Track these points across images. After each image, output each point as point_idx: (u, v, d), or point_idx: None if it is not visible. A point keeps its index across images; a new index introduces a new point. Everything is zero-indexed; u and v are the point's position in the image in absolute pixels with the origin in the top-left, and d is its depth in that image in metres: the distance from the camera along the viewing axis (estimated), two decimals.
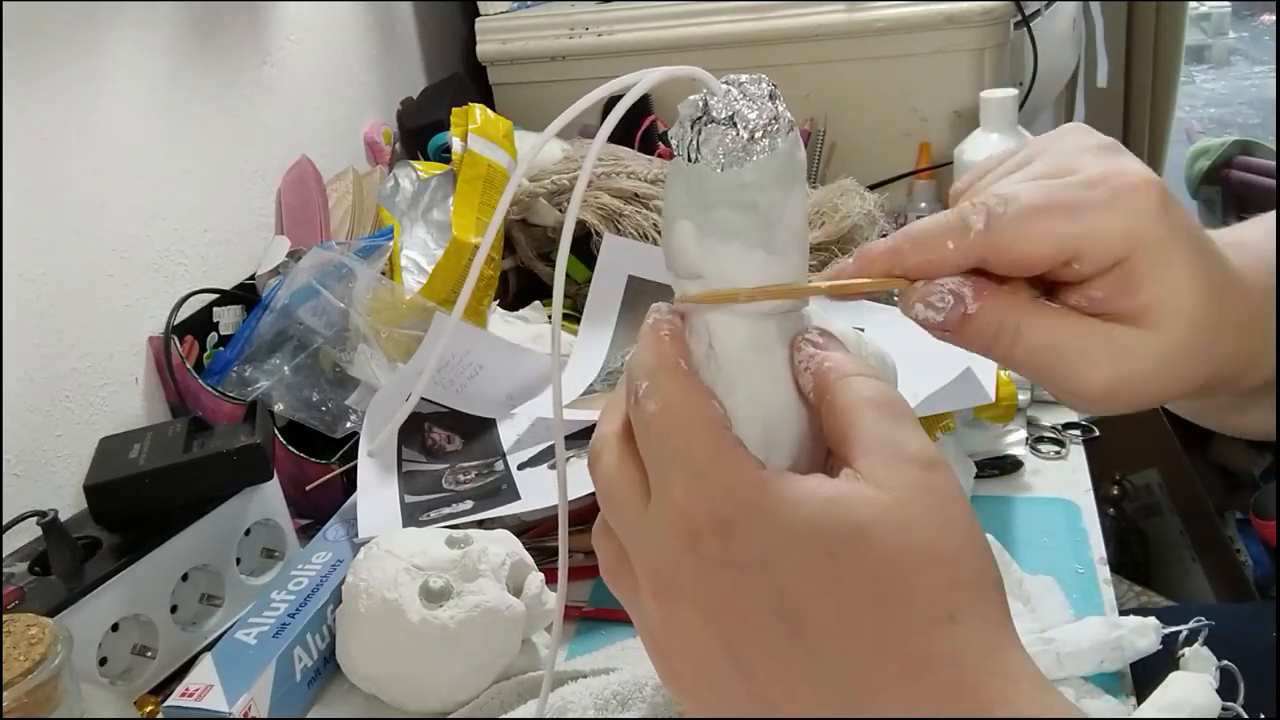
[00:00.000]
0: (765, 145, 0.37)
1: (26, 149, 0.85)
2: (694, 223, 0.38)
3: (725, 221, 0.37)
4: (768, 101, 0.37)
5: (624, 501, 0.36)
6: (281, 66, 1.18)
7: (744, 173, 0.37)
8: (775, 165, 0.37)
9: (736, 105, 0.37)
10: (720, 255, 0.37)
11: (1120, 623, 0.66)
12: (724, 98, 0.37)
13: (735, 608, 0.33)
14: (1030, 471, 0.87)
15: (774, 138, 0.37)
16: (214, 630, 0.78)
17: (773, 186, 0.37)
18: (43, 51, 0.87)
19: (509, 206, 1.16)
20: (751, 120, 0.36)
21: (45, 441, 0.85)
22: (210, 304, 1.02)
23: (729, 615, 0.33)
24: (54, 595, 0.69)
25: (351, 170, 1.22)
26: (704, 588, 0.33)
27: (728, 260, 0.37)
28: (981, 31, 1.28)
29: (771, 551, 0.32)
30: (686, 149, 0.37)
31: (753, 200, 0.37)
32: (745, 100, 0.37)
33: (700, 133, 0.37)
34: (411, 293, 1.03)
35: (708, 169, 0.37)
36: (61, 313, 0.88)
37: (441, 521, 0.81)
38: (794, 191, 0.38)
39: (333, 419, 0.94)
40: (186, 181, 1.03)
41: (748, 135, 0.36)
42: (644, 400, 0.36)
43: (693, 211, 0.38)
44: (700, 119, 0.37)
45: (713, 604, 0.33)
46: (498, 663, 0.70)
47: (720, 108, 0.37)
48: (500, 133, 1.18)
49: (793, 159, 0.38)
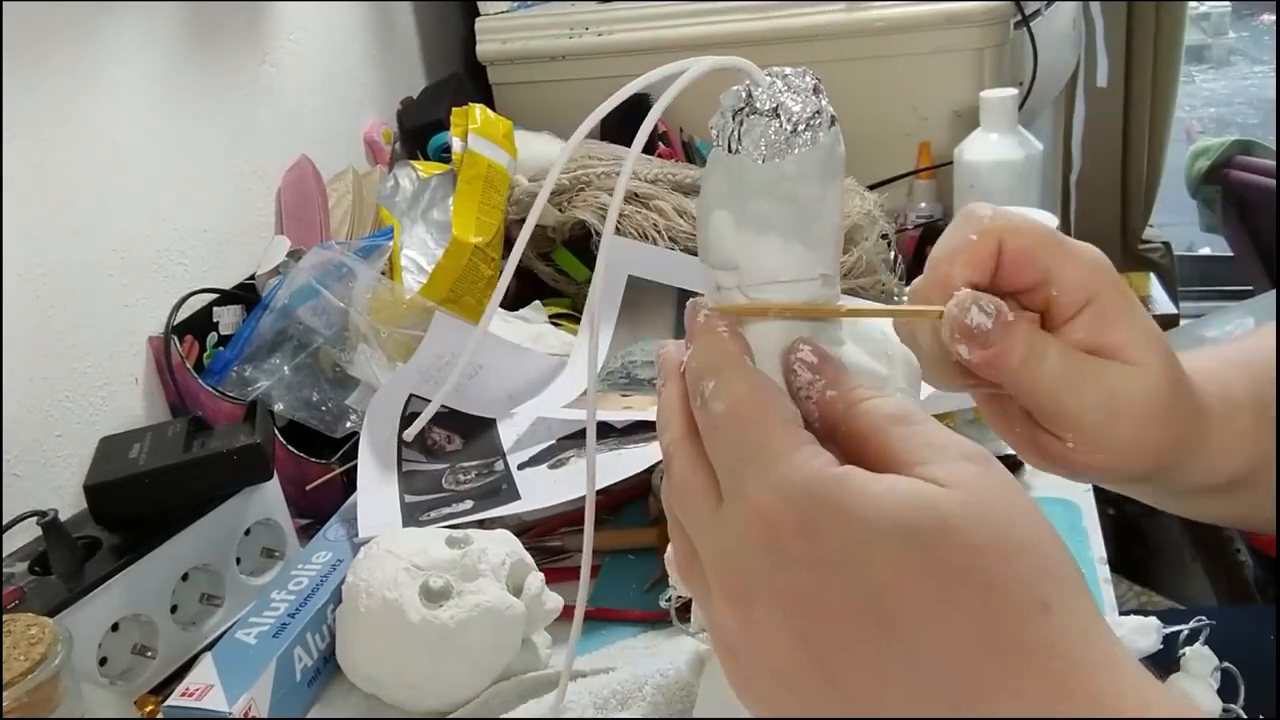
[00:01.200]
0: (808, 138, 0.36)
1: (26, 149, 0.85)
2: (732, 213, 0.37)
3: (764, 213, 0.37)
4: (811, 95, 0.37)
5: (696, 504, 0.35)
6: (281, 66, 1.18)
7: (785, 165, 0.36)
8: (817, 158, 0.37)
9: (780, 97, 0.36)
10: (757, 247, 0.37)
11: (1120, 623, 0.66)
12: (768, 89, 0.37)
13: (820, 608, 0.31)
14: (1030, 471, 0.87)
15: (816, 131, 0.37)
16: (214, 630, 0.78)
17: (813, 179, 0.37)
18: (43, 51, 0.87)
19: (509, 207, 1.16)
20: (795, 112, 0.36)
21: (45, 441, 0.85)
22: (210, 304, 1.02)
23: (813, 616, 0.32)
24: (54, 595, 0.69)
25: (351, 170, 1.22)
26: (784, 588, 0.32)
27: (764, 252, 0.37)
28: (981, 31, 1.28)
29: (857, 548, 0.31)
30: (727, 139, 0.37)
31: (793, 192, 0.37)
32: (789, 92, 0.37)
33: (742, 124, 0.37)
34: (411, 293, 1.03)
35: (749, 160, 0.37)
36: (61, 313, 0.88)
37: (441, 521, 0.81)
38: (833, 185, 0.38)
39: (333, 419, 0.94)
40: (186, 181, 1.03)
41: (791, 128, 0.36)
42: (711, 400, 0.35)
43: (731, 202, 0.37)
44: (743, 110, 0.37)
45: (795, 605, 0.32)
46: (498, 663, 0.70)
47: (764, 99, 0.36)
48: (500, 133, 1.18)
49: (834, 153, 0.37)
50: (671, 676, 0.65)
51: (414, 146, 1.36)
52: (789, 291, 0.38)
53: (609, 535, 0.85)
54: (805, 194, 0.37)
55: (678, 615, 0.61)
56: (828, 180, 0.37)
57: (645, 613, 0.76)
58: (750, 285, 0.38)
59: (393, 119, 1.40)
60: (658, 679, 0.65)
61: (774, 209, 0.37)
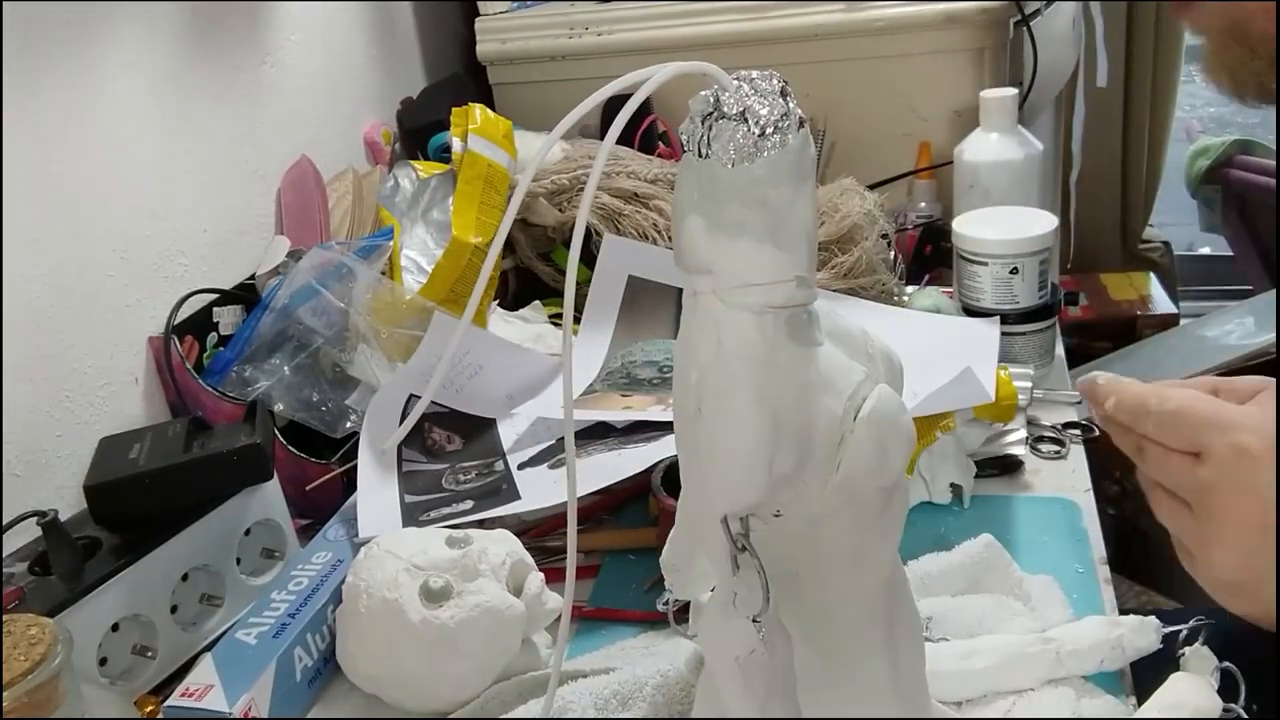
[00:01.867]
0: (776, 141, 0.36)
1: (27, 149, 0.85)
2: (704, 218, 0.37)
3: (736, 217, 0.37)
4: (779, 98, 0.37)
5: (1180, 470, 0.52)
6: (281, 66, 1.18)
7: (755, 169, 0.36)
8: (786, 161, 0.37)
9: (748, 101, 0.36)
10: (730, 251, 0.37)
11: (1120, 622, 0.66)
12: (735, 93, 0.37)
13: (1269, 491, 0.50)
14: (1030, 471, 0.87)
15: (785, 134, 0.37)
16: (214, 630, 0.78)
17: (783, 182, 0.37)
18: (43, 51, 0.87)
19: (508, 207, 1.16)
20: (763, 116, 0.36)
21: (45, 441, 0.85)
22: (210, 304, 1.02)
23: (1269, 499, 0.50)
24: (54, 595, 0.69)
25: (351, 170, 1.22)
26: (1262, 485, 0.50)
27: (738, 256, 0.37)
28: (981, 31, 1.28)
29: None
30: (697, 144, 0.37)
31: (763, 196, 0.37)
32: (756, 96, 0.37)
33: (711, 128, 0.37)
34: (411, 293, 1.03)
35: (719, 164, 0.37)
36: (61, 313, 0.88)
37: (441, 521, 0.81)
38: (804, 188, 0.38)
39: (333, 419, 0.94)
40: (186, 181, 1.03)
41: (759, 131, 0.36)
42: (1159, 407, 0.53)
43: (703, 207, 0.37)
44: (711, 114, 0.37)
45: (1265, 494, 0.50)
46: (498, 663, 0.70)
47: (732, 103, 0.37)
48: (500, 133, 1.18)
49: (804, 155, 0.37)
50: (672, 677, 0.65)
51: (414, 147, 1.36)
52: (764, 294, 0.38)
53: (609, 535, 0.85)
54: (776, 197, 0.37)
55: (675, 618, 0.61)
56: (798, 182, 0.37)
57: (645, 613, 0.76)
58: (725, 289, 0.38)
59: (393, 119, 1.40)
60: (658, 679, 0.65)
61: (745, 213, 0.37)
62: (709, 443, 0.40)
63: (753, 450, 0.39)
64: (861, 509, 0.43)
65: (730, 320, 0.38)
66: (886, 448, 0.41)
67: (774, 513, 0.42)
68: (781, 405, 0.38)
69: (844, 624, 0.46)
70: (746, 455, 0.39)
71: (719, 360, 0.38)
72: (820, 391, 0.40)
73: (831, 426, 0.40)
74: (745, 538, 0.41)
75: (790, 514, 0.42)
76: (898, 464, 0.42)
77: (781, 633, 0.44)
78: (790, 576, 0.45)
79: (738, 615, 0.42)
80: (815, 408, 0.39)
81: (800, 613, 0.46)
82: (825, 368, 0.40)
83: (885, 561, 0.46)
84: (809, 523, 0.43)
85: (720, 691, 0.45)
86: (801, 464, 0.39)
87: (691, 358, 0.39)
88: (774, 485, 0.39)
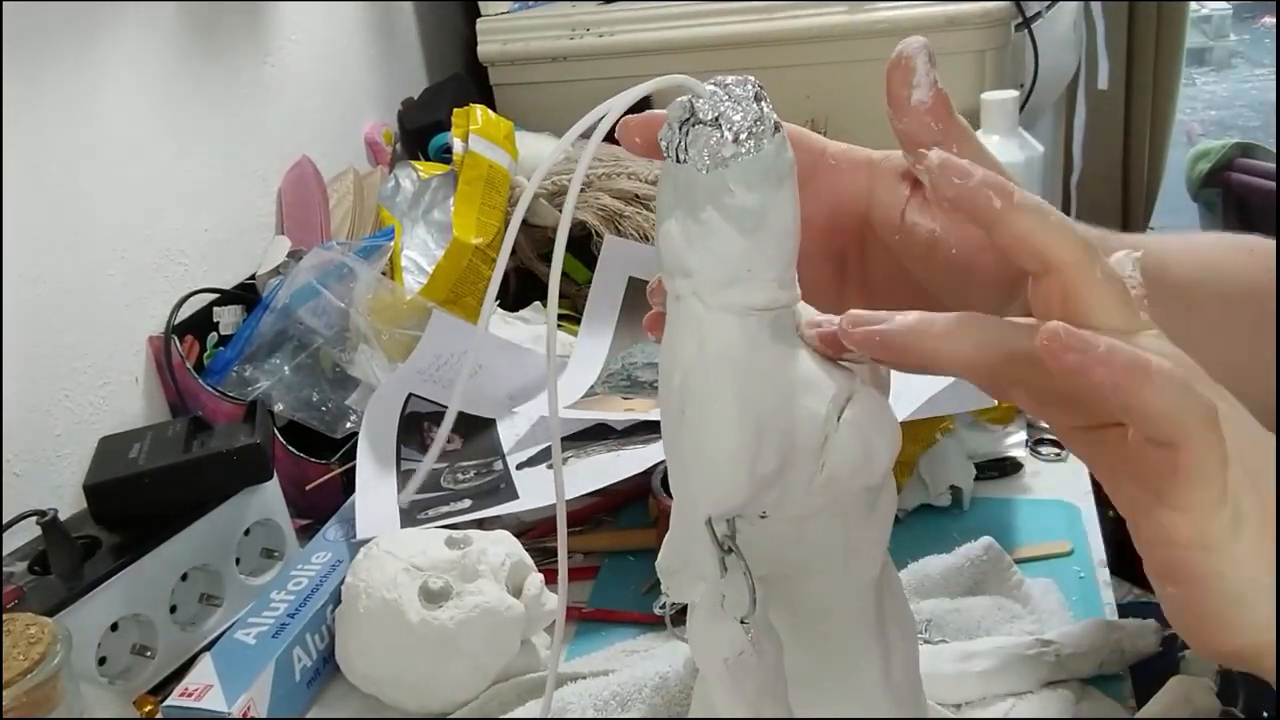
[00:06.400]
0: (750, 146, 0.37)
1: (27, 149, 0.85)
2: (681, 222, 0.38)
3: (712, 220, 0.38)
4: (753, 103, 0.37)
5: None
6: (281, 66, 1.18)
7: (729, 173, 0.37)
8: (760, 165, 0.37)
9: (721, 107, 0.37)
10: (707, 253, 0.38)
11: (1120, 625, 0.66)
12: (709, 100, 0.37)
13: None
14: (1030, 473, 0.87)
15: (759, 139, 0.37)
16: (213, 630, 0.78)
17: (759, 186, 0.37)
18: (43, 51, 0.87)
19: (510, 208, 1.16)
20: (736, 122, 0.37)
21: (45, 441, 0.85)
22: (210, 304, 1.02)
23: None
24: (53, 595, 0.69)
25: (352, 170, 1.22)
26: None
27: (714, 258, 0.38)
28: (982, 33, 1.28)
29: None
30: (675, 150, 0.38)
31: (739, 199, 0.37)
32: (730, 102, 0.37)
33: (687, 134, 0.38)
34: (412, 293, 1.03)
35: (694, 169, 0.37)
36: (61, 313, 0.88)
37: (440, 520, 0.81)
38: (782, 190, 0.38)
39: (333, 419, 0.94)
40: (186, 181, 1.03)
41: (732, 136, 0.37)
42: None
43: (680, 211, 0.38)
44: (687, 120, 0.38)
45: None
46: (497, 663, 0.70)
47: (706, 109, 0.37)
48: (501, 134, 1.18)
49: (778, 159, 0.38)
50: (670, 679, 0.65)
51: (415, 147, 1.36)
52: (744, 295, 0.38)
53: (609, 536, 0.85)
54: (752, 200, 0.37)
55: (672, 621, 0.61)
56: (774, 186, 0.38)
57: (645, 615, 0.76)
58: (705, 291, 0.38)
59: (394, 119, 1.40)
60: (656, 681, 0.65)
61: (721, 215, 0.37)
62: (692, 445, 0.40)
63: (735, 452, 0.39)
64: (848, 509, 0.43)
65: (712, 322, 0.38)
66: (871, 447, 0.41)
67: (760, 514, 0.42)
68: (764, 406, 0.38)
69: (834, 624, 0.46)
70: (729, 457, 0.39)
71: (701, 362, 0.38)
72: (804, 392, 0.40)
73: (815, 427, 0.40)
74: (731, 540, 0.41)
75: (776, 515, 0.42)
76: (883, 463, 0.42)
77: (771, 634, 0.44)
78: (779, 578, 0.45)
79: (726, 617, 0.42)
80: (799, 409, 0.39)
81: (790, 614, 0.46)
82: (808, 368, 0.40)
83: (875, 560, 0.46)
84: (796, 523, 0.43)
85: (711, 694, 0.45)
86: (785, 465, 0.39)
87: (675, 360, 0.40)
88: (757, 487, 0.40)
